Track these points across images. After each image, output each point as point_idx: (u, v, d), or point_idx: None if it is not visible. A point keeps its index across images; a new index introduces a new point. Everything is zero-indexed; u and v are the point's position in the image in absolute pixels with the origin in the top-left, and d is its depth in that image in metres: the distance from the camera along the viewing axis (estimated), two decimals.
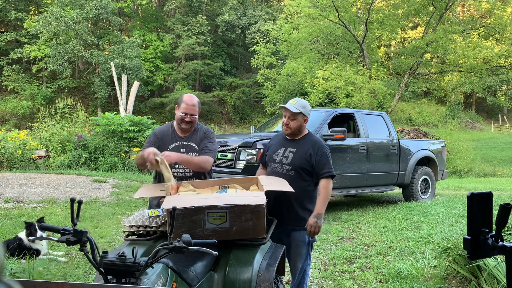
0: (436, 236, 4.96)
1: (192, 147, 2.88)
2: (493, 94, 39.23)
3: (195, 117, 2.85)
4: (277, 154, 2.88)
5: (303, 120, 2.84)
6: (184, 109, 2.81)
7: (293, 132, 2.85)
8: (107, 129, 11.71)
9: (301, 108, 2.81)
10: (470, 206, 1.06)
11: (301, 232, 2.84)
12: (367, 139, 7.28)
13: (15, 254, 4.01)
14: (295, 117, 2.81)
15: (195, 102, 2.85)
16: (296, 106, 2.81)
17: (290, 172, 2.80)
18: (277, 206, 2.75)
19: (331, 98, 21.27)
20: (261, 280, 2.06)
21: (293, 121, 2.82)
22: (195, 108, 2.84)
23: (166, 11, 33.91)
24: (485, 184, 13.05)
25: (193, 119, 2.84)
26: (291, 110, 2.79)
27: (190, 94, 2.93)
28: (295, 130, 2.85)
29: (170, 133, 2.94)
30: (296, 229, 2.83)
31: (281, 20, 25.34)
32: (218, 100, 31.99)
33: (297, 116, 2.81)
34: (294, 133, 2.87)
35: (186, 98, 2.85)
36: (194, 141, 2.89)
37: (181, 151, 2.85)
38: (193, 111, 2.83)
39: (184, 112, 2.81)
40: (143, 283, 1.55)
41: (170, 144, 2.89)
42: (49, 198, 7.26)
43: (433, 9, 21.98)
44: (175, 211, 1.63)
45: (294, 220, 2.81)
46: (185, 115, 2.81)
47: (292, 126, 2.83)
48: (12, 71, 27.77)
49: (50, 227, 1.73)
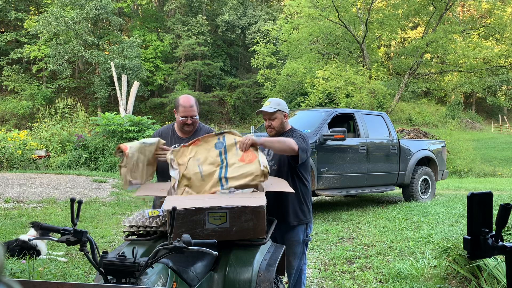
0: (436, 236, 4.96)
1: None
2: (493, 94, 39.24)
3: (195, 118, 2.84)
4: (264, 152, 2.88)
5: (283, 116, 2.86)
6: (183, 113, 2.79)
7: (278, 131, 2.87)
8: (107, 129, 11.71)
9: (276, 106, 2.83)
10: (470, 206, 1.06)
11: (294, 230, 2.85)
12: (367, 139, 7.28)
13: (15, 255, 4.01)
14: (274, 116, 2.83)
15: (192, 103, 2.82)
16: (271, 106, 2.83)
17: (274, 167, 2.82)
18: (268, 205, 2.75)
19: (331, 98, 21.28)
20: (261, 280, 2.06)
21: (273, 120, 2.84)
22: (194, 109, 2.82)
23: (166, 11, 33.92)
24: (485, 184, 13.05)
25: (194, 120, 2.83)
26: (268, 111, 2.81)
27: (186, 96, 2.89)
28: (279, 128, 2.86)
29: (170, 135, 2.93)
30: (289, 227, 2.84)
31: (281, 20, 25.36)
32: (218, 100, 31.99)
33: (275, 114, 2.82)
34: (279, 131, 2.88)
35: (183, 101, 2.82)
36: None
37: None
38: (192, 112, 2.81)
39: (183, 115, 2.79)
40: (143, 283, 1.55)
41: (169, 146, 2.87)
42: (49, 198, 7.26)
43: (433, 9, 22.00)
44: (175, 211, 1.63)
45: (286, 219, 2.81)
46: (186, 118, 2.80)
47: (275, 126, 2.85)
48: (12, 71, 27.77)
49: (50, 227, 1.73)
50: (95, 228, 5.53)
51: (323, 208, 7.36)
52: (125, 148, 2.47)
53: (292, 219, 2.82)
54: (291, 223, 2.83)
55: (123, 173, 2.50)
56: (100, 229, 5.48)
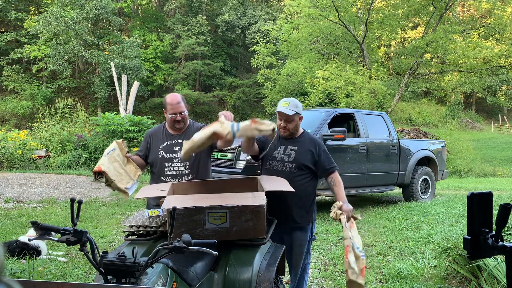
0: (436, 236, 4.96)
1: None
2: (493, 94, 39.20)
3: (184, 113, 2.87)
4: (277, 152, 2.88)
5: (298, 120, 2.87)
6: (171, 110, 2.83)
7: (292, 132, 2.88)
8: (107, 129, 11.71)
9: (295, 108, 2.82)
10: (470, 206, 1.06)
11: (302, 230, 2.87)
12: (367, 139, 7.28)
13: (15, 255, 4.01)
14: (291, 118, 2.82)
15: (179, 99, 2.86)
16: (291, 108, 2.81)
17: (294, 169, 2.82)
18: (277, 205, 2.76)
19: (331, 98, 21.27)
20: (261, 280, 2.06)
21: (290, 123, 2.83)
22: (181, 105, 2.85)
23: (166, 11, 33.92)
24: (485, 184, 13.05)
25: (183, 116, 2.86)
26: (288, 113, 2.79)
27: (172, 94, 2.93)
28: (294, 130, 2.87)
29: (161, 133, 2.95)
30: (298, 227, 2.85)
31: (281, 20, 25.35)
32: (218, 100, 32.00)
33: (294, 117, 2.82)
34: (293, 133, 2.89)
35: (169, 99, 2.86)
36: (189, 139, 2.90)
37: (174, 149, 2.86)
38: (180, 108, 2.84)
39: (172, 113, 2.83)
40: (143, 283, 1.55)
41: (161, 144, 2.90)
42: (49, 198, 7.26)
43: (433, 9, 21.99)
44: (175, 211, 1.63)
45: (296, 219, 2.82)
46: (175, 115, 2.83)
47: (290, 128, 2.85)
48: (12, 71, 27.77)
49: (50, 227, 1.73)
50: (95, 228, 5.53)
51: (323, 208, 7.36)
52: (99, 168, 2.50)
53: (302, 219, 2.84)
54: (301, 223, 2.84)
55: (115, 187, 2.54)
56: (100, 229, 5.48)
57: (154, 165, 2.93)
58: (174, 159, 2.86)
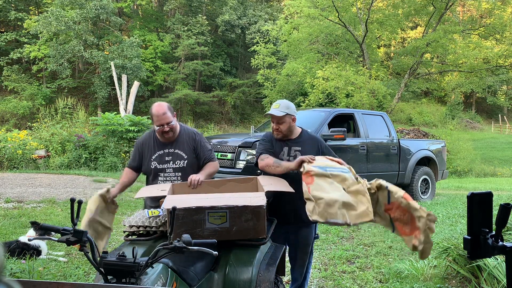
0: (436, 236, 4.95)
1: (179, 155, 2.85)
2: (493, 94, 39.20)
3: (172, 123, 2.80)
4: (282, 154, 2.89)
5: (291, 120, 2.86)
6: (157, 122, 2.78)
7: (285, 134, 2.87)
8: (107, 129, 11.71)
9: (285, 109, 2.82)
10: (470, 206, 1.06)
11: (308, 230, 2.89)
12: (367, 139, 7.28)
13: (15, 255, 4.01)
14: (282, 120, 2.81)
15: (165, 109, 2.79)
16: (280, 109, 2.81)
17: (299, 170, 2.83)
18: (282, 205, 2.77)
19: (331, 98, 21.26)
20: (261, 280, 2.06)
21: (282, 124, 2.83)
22: (167, 115, 2.78)
23: (166, 11, 33.90)
24: (485, 184, 13.05)
25: (171, 126, 2.80)
26: (277, 114, 2.79)
27: (158, 103, 2.86)
28: (286, 131, 2.86)
29: (152, 142, 2.90)
30: (304, 227, 2.87)
31: (281, 20, 25.32)
32: (218, 100, 31.98)
33: (284, 118, 2.82)
34: (286, 135, 2.88)
35: (155, 110, 2.79)
36: (181, 149, 2.86)
37: (166, 159, 2.84)
38: (166, 119, 2.77)
39: (159, 124, 2.77)
40: (143, 283, 1.55)
41: (153, 154, 2.86)
42: (49, 198, 7.26)
43: (433, 9, 21.98)
44: (175, 211, 1.63)
45: (301, 219, 2.82)
46: (162, 127, 2.78)
47: (282, 129, 2.84)
48: (12, 71, 27.75)
49: (50, 227, 1.73)
50: None
51: None
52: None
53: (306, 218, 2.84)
54: (308, 223, 2.84)
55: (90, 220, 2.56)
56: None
57: (148, 175, 2.93)
58: (166, 169, 2.84)
